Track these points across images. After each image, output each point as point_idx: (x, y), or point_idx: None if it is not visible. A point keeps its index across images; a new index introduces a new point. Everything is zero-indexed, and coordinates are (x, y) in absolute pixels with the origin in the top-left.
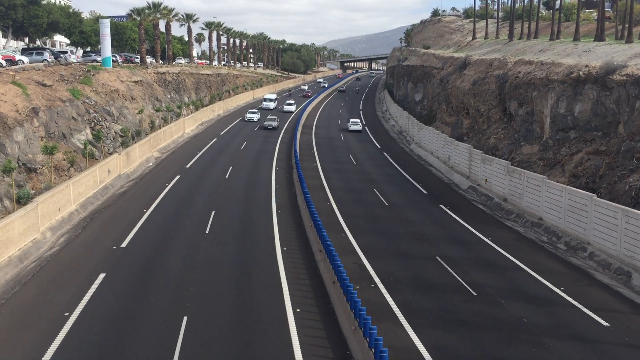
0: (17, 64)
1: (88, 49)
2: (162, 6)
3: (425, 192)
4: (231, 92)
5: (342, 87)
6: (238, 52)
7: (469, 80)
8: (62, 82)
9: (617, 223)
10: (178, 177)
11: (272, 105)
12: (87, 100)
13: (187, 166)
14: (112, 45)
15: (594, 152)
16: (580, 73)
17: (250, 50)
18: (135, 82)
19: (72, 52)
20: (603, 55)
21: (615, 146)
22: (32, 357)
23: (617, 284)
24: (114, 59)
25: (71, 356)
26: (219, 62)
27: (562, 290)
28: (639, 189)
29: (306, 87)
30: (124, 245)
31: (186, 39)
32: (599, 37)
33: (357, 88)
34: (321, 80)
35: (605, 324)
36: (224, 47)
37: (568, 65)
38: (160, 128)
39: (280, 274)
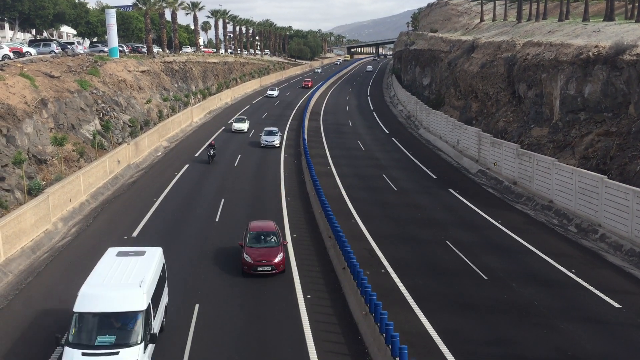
0: (24, 56)
1: (95, 39)
2: None
3: (434, 176)
4: (238, 80)
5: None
6: (244, 40)
7: (477, 64)
8: (70, 73)
9: (629, 204)
10: (187, 166)
11: None
12: (95, 91)
13: (196, 155)
14: (119, 36)
15: (605, 134)
16: (590, 54)
17: (257, 38)
18: (143, 71)
19: (78, 43)
20: (613, 35)
21: (626, 127)
22: (47, 351)
23: (629, 265)
24: (120, 49)
25: None
26: (226, 50)
27: (573, 273)
28: None
29: (243, 125)
30: (134, 234)
31: (192, 27)
32: (609, 16)
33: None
34: (274, 94)
35: (617, 305)
36: (230, 35)
37: (577, 46)
38: (168, 117)
39: (291, 261)
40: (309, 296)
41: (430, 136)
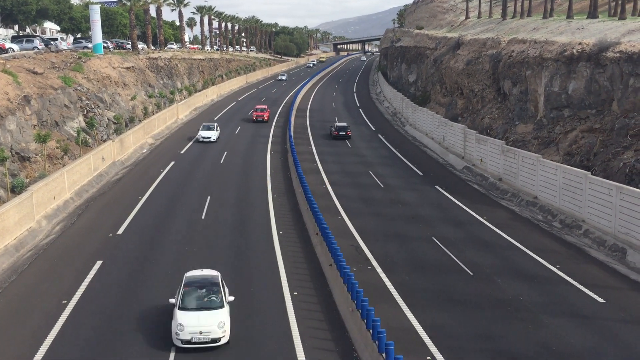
0: (7, 52)
1: (78, 35)
2: None
3: (420, 173)
4: (224, 76)
5: None
6: (230, 37)
7: (462, 60)
8: (54, 70)
9: (612, 200)
10: (173, 163)
11: None
12: (79, 88)
13: (182, 152)
14: (103, 32)
15: (588, 130)
16: (574, 51)
17: (243, 35)
18: (127, 68)
19: (62, 39)
20: (596, 33)
21: (609, 124)
22: (31, 345)
23: (612, 260)
24: (105, 45)
25: (69, 344)
26: (211, 47)
27: (557, 268)
28: (633, 166)
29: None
30: (120, 232)
31: (177, 23)
32: (592, 14)
33: None
34: (211, 137)
35: (600, 300)
36: (216, 32)
37: (561, 43)
38: (153, 114)
39: (277, 258)
40: (295, 293)
41: (417, 133)
